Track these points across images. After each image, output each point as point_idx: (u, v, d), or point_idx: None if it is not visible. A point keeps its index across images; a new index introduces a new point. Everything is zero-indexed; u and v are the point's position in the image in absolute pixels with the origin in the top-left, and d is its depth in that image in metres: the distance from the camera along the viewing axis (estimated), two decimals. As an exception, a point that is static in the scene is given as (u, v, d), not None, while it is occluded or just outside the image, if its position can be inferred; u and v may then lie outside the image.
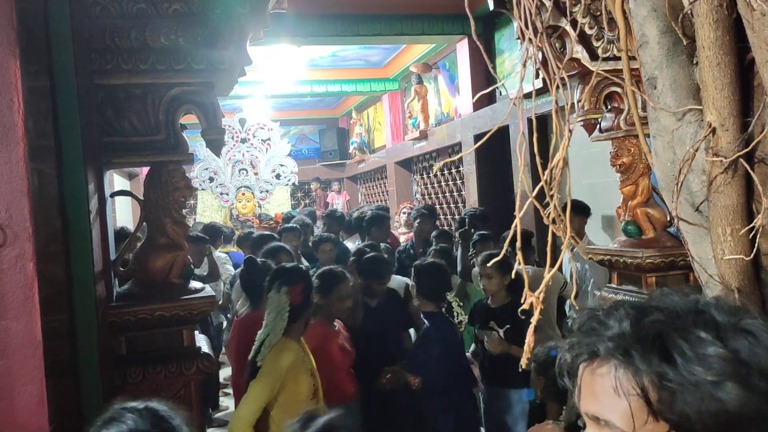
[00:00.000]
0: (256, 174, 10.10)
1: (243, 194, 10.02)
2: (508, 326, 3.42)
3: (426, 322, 3.29)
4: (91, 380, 1.90)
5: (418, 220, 5.62)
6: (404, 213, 7.68)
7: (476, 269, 4.14)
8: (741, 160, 1.10)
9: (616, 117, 2.38)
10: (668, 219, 2.34)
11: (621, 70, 1.30)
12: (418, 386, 3.17)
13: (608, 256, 2.45)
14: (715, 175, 1.13)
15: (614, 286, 2.51)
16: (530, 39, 1.16)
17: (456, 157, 5.92)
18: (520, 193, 1.18)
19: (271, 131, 10.17)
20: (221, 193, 10.03)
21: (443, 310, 3.67)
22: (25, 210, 1.61)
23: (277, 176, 10.19)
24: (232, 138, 9.95)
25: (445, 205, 8.40)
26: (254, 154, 10.14)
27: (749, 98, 1.13)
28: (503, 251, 1.60)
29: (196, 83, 2.28)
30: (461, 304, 4.26)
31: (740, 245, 1.15)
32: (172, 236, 2.34)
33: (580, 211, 4.32)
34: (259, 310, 3.46)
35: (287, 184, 10.31)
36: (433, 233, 5.28)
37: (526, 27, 1.16)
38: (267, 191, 10.16)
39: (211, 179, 9.99)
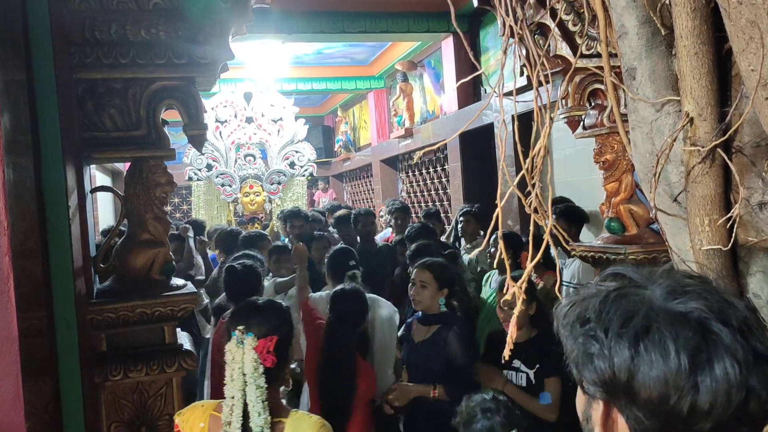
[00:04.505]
0: (261, 157, 8.27)
1: (251, 187, 8.05)
2: (539, 366, 2.79)
3: (439, 323, 3.00)
4: (71, 378, 1.88)
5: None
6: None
7: None
8: (718, 149, 1.10)
9: (600, 114, 2.38)
10: (651, 216, 2.35)
11: (603, 67, 1.30)
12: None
13: (592, 253, 2.46)
14: (693, 165, 1.13)
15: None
16: (511, 27, 1.15)
17: (435, 146, 5.92)
18: (501, 182, 1.18)
19: (284, 109, 8.28)
20: (222, 185, 8.03)
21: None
22: (0, 203, 1.59)
23: (292, 164, 8.27)
24: (236, 116, 8.09)
25: (430, 203, 8.40)
26: (263, 136, 8.20)
27: (727, 88, 1.13)
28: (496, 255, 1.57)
29: (178, 78, 2.26)
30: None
31: (718, 235, 1.15)
32: (153, 232, 2.32)
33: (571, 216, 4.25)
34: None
35: (304, 175, 8.39)
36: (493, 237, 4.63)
37: (506, 14, 1.16)
38: (279, 183, 8.21)
39: (210, 167, 8.03)
